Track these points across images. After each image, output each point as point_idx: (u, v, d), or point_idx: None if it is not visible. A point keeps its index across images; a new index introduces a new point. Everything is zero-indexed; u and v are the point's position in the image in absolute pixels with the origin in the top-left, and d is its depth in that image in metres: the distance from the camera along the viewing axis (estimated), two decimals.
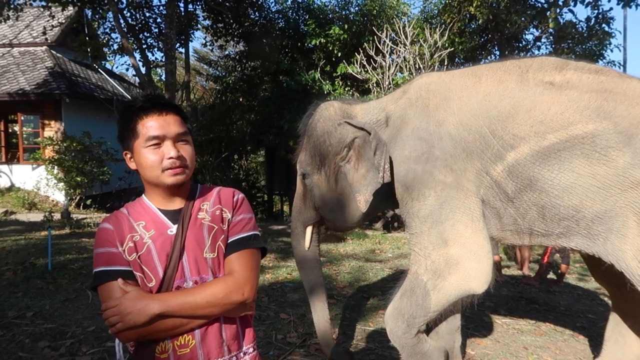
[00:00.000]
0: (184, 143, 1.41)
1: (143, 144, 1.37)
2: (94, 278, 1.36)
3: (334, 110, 2.90)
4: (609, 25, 12.30)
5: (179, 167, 1.37)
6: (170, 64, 10.92)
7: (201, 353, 1.35)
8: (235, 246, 1.43)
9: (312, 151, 2.89)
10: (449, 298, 2.53)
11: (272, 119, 13.18)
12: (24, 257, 5.68)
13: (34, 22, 14.83)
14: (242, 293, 1.36)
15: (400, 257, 7.11)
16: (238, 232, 1.45)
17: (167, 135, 1.37)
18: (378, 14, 12.35)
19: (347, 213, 2.92)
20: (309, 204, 3.05)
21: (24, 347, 3.38)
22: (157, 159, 1.36)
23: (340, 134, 2.80)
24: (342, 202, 2.89)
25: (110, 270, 1.33)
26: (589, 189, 2.31)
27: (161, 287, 1.35)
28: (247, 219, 1.48)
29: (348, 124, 2.78)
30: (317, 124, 2.89)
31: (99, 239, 1.38)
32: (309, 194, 3.02)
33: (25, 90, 12.15)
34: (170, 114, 1.40)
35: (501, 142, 2.43)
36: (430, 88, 2.70)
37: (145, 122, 1.37)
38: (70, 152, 11.75)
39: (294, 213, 3.16)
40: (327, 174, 2.86)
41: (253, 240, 1.46)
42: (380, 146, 2.63)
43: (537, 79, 2.50)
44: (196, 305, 1.31)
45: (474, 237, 2.48)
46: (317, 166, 2.89)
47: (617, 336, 3.13)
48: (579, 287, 6.07)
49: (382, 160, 2.59)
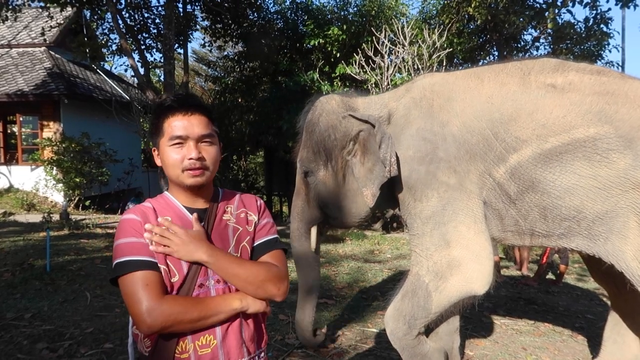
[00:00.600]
0: (207, 144, 1.41)
1: (167, 143, 1.39)
2: (116, 268, 1.31)
3: (336, 103, 2.81)
4: (607, 25, 12.33)
5: (199, 169, 1.38)
6: (169, 64, 10.91)
7: (222, 353, 1.35)
8: (266, 246, 1.49)
9: (316, 147, 2.78)
10: (451, 299, 2.52)
11: (270, 119, 13.19)
12: (23, 258, 5.66)
13: (33, 22, 14.82)
14: (279, 288, 1.41)
15: (399, 258, 7.11)
16: (265, 235, 1.51)
17: (190, 136, 1.38)
18: (377, 15, 12.37)
19: (355, 209, 2.86)
20: (312, 203, 2.92)
21: (22, 348, 3.37)
22: (179, 159, 1.38)
23: (345, 128, 2.73)
24: (349, 198, 2.81)
25: (136, 260, 1.30)
26: (590, 190, 2.33)
27: (184, 283, 1.35)
28: (271, 223, 1.55)
29: (352, 116, 2.71)
30: (319, 118, 2.78)
31: (125, 228, 1.35)
32: (311, 192, 2.90)
33: (24, 91, 12.15)
34: (195, 115, 1.41)
35: (504, 145, 2.45)
36: (434, 89, 2.69)
37: (171, 121, 1.39)
38: (69, 153, 11.75)
39: (295, 214, 3.03)
40: (335, 170, 2.78)
41: (279, 242, 1.53)
42: (385, 139, 2.55)
43: (539, 81, 2.51)
44: (236, 273, 1.35)
45: (476, 238, 2.49)
46: (322, 162, 2.79)
47: (616, 336, 3.14)
48: (577, 288, 6.08)
49: (387, 154, 2.51)
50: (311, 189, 2.90)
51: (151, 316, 1.24)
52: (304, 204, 2.96)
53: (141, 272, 1.29)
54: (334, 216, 2.96)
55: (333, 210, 2.92)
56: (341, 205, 2.86)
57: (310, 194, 2.90)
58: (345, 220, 2.96)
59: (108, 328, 3.77)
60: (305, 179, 2.91)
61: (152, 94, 10.66)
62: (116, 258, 1.32)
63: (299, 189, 2.99)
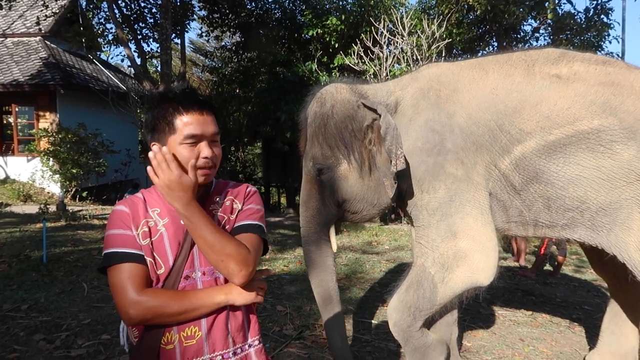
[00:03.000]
0: (215, 143, 1.42)
1: (180, 140, 1.35)
2: (104, 259, 1.34)
3: (347, 92, 2.65)
4: (607, 16, 12.29)
5: (210, 167, 1.39)
6: (166, 54, 10.83)
7: (207, 344, 1.35)
8: (240, 230, 1.41)
9: (332, 141, 2.59)
10: (456, 290, 2.51)
11: (269, 110, 13.14)
12: (19, 250, 5.64)
13: (28, 12, 14.64)
14: (241, 269, 1.31)
15: (397, 249, 7.11)
16: (244, 219, 1.44)
17: (205, 135, 1.37)
18: (375, 5, 12.28)
19: (377, 199, 2.71)
20: (328, 202, 2.71)
21: (19, 340, 3.36)
22: (192, 157, 1.35)
23: (362, 117, 2.60)
24: (373, 188, 2.67)
25: (123, 252, 1.32)
26: (594, 181, 2.33)
27: (169, 275, 1.35)
28: (255, 209, 1.48)
29: (363, 104, 2.59)
30: (332, 110, 2.60)
31: (114, 220, 1.36)
32: (327, 190, 2.68)
33: (19, 81, 12.04)
34: (208, 113, 1.40)
35: (508, 137, 2.44)
36: (440, 79, 2.66)
37: (186, 119, 1.36)
38: (66, 144, 11.68)
39: (309, 217, 2.76)
40: (359, 162, 2.61)
41: (258, 229, 1.44)
42: (391, 130, 2.43)
43: (544, 72, 2.49)
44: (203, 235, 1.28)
45: (482, 230, 2.47)
46: (342, 156, 2.61)
47: (614, 327, 3.15)
48: (575, 279, 6.09)
49: (393, 146, 2.40)
50: (327, 187, 2.69)
51: (132, 308, 1.27)
52: (318, 205, 2.73)
53: (127, 264, 1.31)
54: (355, 210, 2.77)
55: (355, 204, 2.73)
56: (365, 197, 2.70)
57: (326, 192, 2.70)
58: (367, 212, 2.80)
59: (105, 319, 3.76)
60: (318, 178, 2.68)
61: (149, 85, 10.59)
62: (105, 249, 1.35)
63: (309, 191, 2.75)
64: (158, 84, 10.89)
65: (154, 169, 1.29)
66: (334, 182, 2.66)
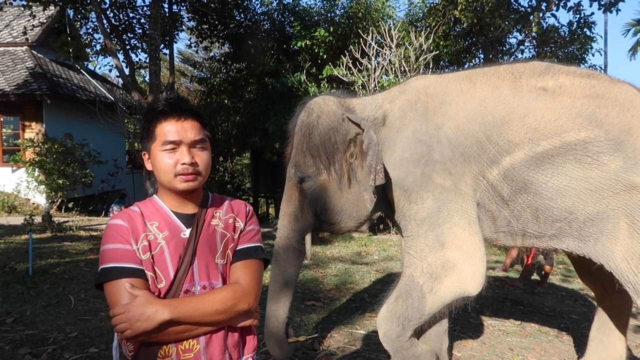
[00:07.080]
0: (200, 150, 1.41)
1: (159, 147, 1.38)
2: (101, 274, 1.31)
3: (334, 104, 2.71)
4: (590, 29, 12.53)
5: (192, 174, 1.38)
6: (155, 65, 10.79)
7: (205, 359, 1.35)
8: (242, 255, 1.46)
9: (315, 151, 2.65)
10: (445, 300, 2.53)
11: (257, 121, 13.14)
12: (4, 262, 5.55)
13: (14, 21, 14.54)
14: (248, 302, 1.39)
15: (386, 260, 7.12)
16: (246, 242, 1.48)
17: (184, 141, 1.37)
18: (363, 17, 12.40)
19: (356, 212, 2.76)
20: (307, 210, 2.75)
21: (4, 354, 3.29)
22: (172, 164, 1.36)
23: (346, 130, 2.64)
24: (351, 202, 2.72)
25: (121, 267, 1.30)
26: (582, 192, 2.37)
27: (170, 289, 1.35)
28: (255, 230, 1.53)
29: (348, 119, 2.63)
30: (318, 120, 2.66)
31: (111, 235, 1.35)
32: (307, 199, 2.73)
33: (5, 91, 11.91)
34: (188, 120, 1.40)
35: (497, 148, 2.47)
36: (428, 91, 2.69)
37: (164, 126, 1.38)
38: (52, 154, 11.54)
39: (286, 222, 2.80)
40: (339, 174, 2.66)
41: (258, 251, 1.50)
42: (372, 146, 2.46)
43: (531, 85, 2.54)
44: (205, 313, 1.31)
45: (470, 240, 2.50)
46: (323, 166, 2.66)
47: (602, 336, 3.18)
48: (562, 288, 6.15)
49: (373, 161, 2.44)
50: (307, 195, 2.73)
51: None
52: (297, 212, 2.77)
53: (125, 280, 1.29)
54: (332, 222, 2.80)
55: (332, 215, 2.77)
56: (343, 209, 2.74)
57: (306, 200, 2.74)
58: (344, 225, 2.83)
59: (93, 332, 3.71)
60: (300, 186, 2.73)
61: (137, 95, 10.53)
62: (102, 264, 1.33)
63: (290, 196, 2.80)
64: (146, 95, 10.85)
65: (123, 331, 1.24)
66: (314, 191, 2.72)
